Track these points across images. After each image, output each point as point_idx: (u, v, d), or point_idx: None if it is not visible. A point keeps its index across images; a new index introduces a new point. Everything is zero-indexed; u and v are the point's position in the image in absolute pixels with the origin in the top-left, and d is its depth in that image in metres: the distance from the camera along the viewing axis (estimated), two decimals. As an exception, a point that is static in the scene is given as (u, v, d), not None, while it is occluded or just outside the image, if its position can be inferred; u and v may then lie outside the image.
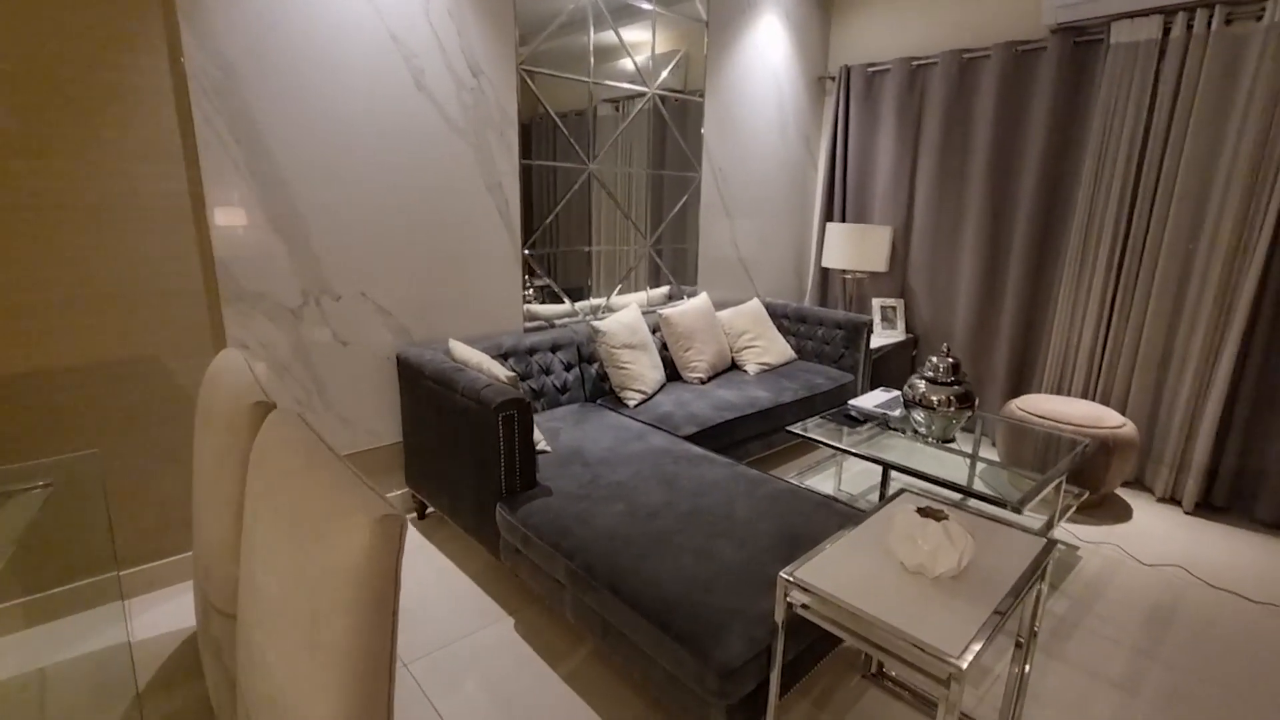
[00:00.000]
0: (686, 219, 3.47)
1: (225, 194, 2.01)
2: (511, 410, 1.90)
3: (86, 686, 1.05)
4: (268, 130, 2.05)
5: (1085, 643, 1.91)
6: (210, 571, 0.97)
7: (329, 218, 2.22)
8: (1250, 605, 2.10)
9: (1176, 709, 1.66)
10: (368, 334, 2.39)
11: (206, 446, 1.02)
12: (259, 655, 0.72)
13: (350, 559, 0.60)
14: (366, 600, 0.61)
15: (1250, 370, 2.59)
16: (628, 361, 2.82)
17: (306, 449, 0.76)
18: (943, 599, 1.19)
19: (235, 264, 2.06)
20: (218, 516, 0.94)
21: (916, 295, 3.75)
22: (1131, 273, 2.86)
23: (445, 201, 2.49)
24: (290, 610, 0.66)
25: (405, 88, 2.31)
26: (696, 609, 1.41)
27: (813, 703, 1.67)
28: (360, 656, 0.61)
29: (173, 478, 2.06)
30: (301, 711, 0.63)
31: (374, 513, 0.61)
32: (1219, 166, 2.59)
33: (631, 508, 1.85)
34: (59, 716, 1.02)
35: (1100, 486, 2.65)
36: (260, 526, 0.75)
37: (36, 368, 1.79)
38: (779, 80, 3.74)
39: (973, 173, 3.36)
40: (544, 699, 1.67)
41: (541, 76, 2.68)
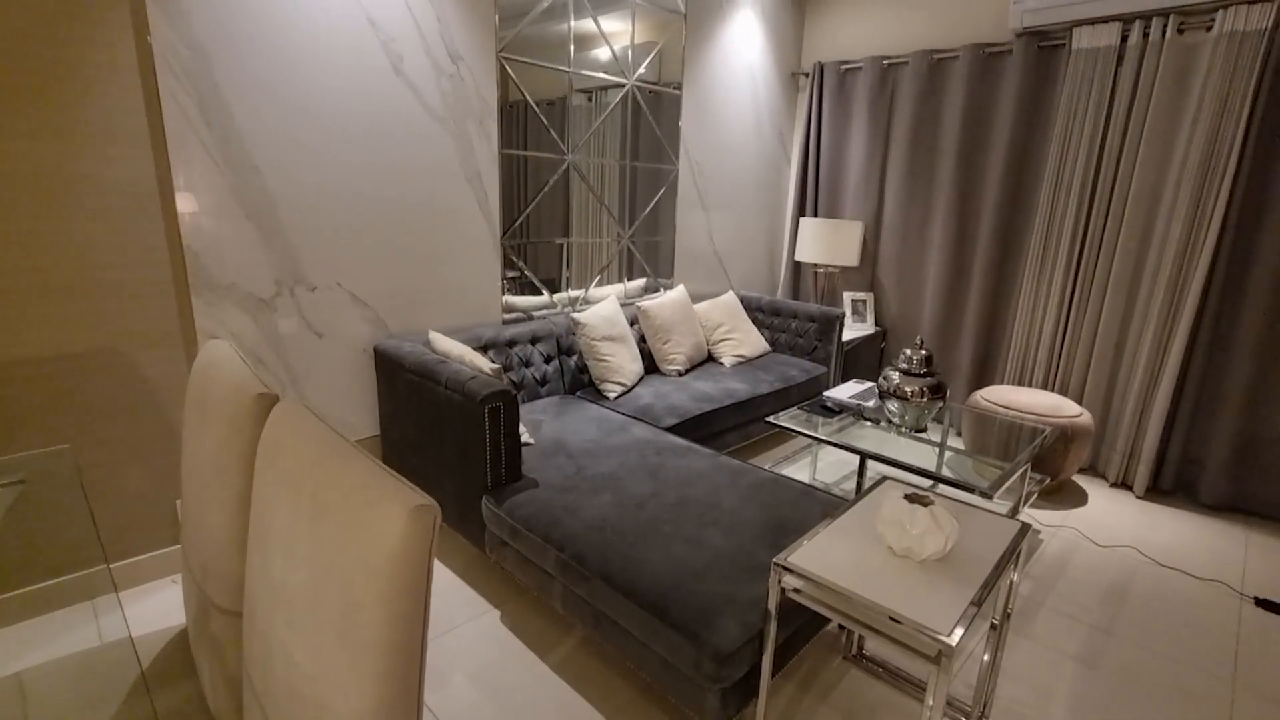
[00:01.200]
0: (663, 211, 3.48)
1: (194, 179, 1.93)
2: (498, 402, 1.89)
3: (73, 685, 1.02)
4: (240, 113, 1.98)
5: (1048, 622, 2.01)
6: (210, 568, 0.94)
7: (304, 205, 2.16)
8: (1195, 582, 2.25)
9: (1132, 680, 1.77)
10: (343, 325, 2.34)
11: (203, 441, 0.99)
12: (279, 650, 0.71)
13: (385, 549, 0.60)
14: (401, 591, 0.61)
15: (1196, 363, 2.75)
16: (608, 354, 2.83)
17: (323, 441, 0.75)
18: (929, 580, 1.24)
19: (205, 252, 1.99)
20: (220, 512, 0.91)
21: (886, 289, 3.86)
22: (1089, 269, 2.99)
23: (424, 190, 2.45)
24: (319, 603, 0.65)
25: (383, 73, 2.25)
26: (690, 596, 1.43)
27: (797, 685, 1.72)
28: (395, 647, 0.61)
29: (144, 473, 1.99)
30: (333, 703, 0.63)
31: (408, 503, 0.61)
32: (1170, 169, 2.73)
33: (619, 498, 1.86)
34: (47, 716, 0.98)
35: (1059, 473, 2.78)
36: (278, 520, 0.74)
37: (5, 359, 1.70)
38: (754, 75, 3.77)
39: (941, 171, 3.46)
40: (533, 689, 1.68)
41: (520, 65, 2.65)
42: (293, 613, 0.70)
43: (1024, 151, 3.16)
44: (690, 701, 1.42)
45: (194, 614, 1.07)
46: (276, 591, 0.73)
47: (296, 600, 0.69)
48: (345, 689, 0.62)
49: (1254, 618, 2.06)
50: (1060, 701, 1.69)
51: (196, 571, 1.00)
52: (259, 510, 0.80)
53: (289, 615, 0.70)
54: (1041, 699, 1.69)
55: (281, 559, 0.72)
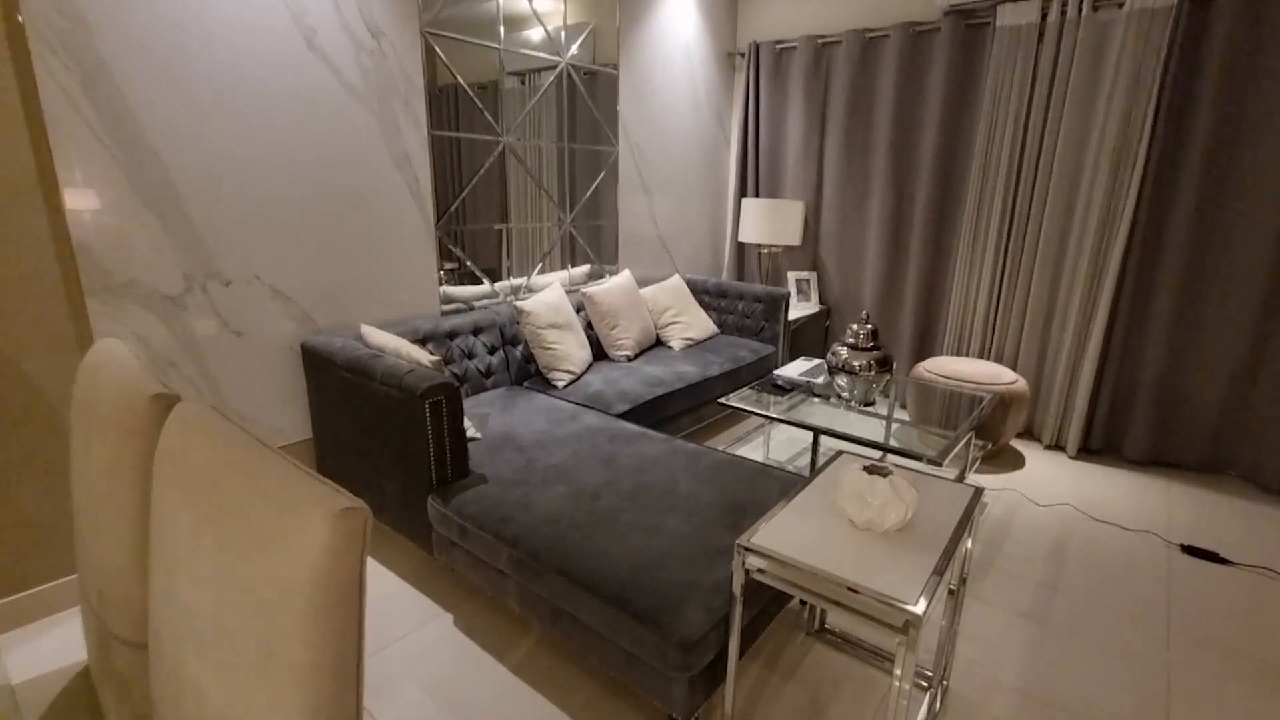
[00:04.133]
0: (605, 195, 3.40)
1: (81, 165, 1.73)
2: (439, 396, 1.78)
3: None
4: (130, 91, 1.78)
5: (998, 582, 2.07)
6: (107, 597, 0.82)
7: (212, 192, 1.98)
8: (1128, 533, 2.37)
9: (1077, 633, 1.84)
10: (265, 322, 2.16)
11: (92, 453, 0.86)
12: (190, 686, 0.62)
13: (307, 563, 0.52)
14: (328, 608, 0.52)
15: (1119, 329, 2.89)
16: (554, 342, 2.74)
17: (230, 443, 0.65)
18: (892, 551, 1.23)
19: (98, 247, 1.79)
20: (113, 533, 0.80)
21: (828, 267, 3.90)
22: (1019, 241, 3.10)
23: (348, 175, 2.29)
24: (232, 630, 0.56)
25: (295, 47, 2.08)
26: (651, 585, 1.38)
27: (763, 664, 1.70)
28: (324, 674, 0.53)
29: (36, 494, 1.78)
30: (253, 744, 0.54)
31: (332, 507, 0.53)
32: (1090, 143, 2.84)
33: (573, 489, 1.80)
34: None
35: (999, 438, 2.89)
36: (181, 538, 0.64)
37: None
38: (690, 56, 3.72)
39: (876, 149, 3.51)
40: (492, 693, 1.60)
41: (447, 41, 2.51)
42: (203, 643, 0.60)
43: (955, 129, 3.24)
44: (657, 692, 1.37)
45: (94, 648, 0.95)
46: (183, 619, 0.63)
47: (206, 628, 0.59)
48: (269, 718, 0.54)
49: (1182, 565, 2.18)
50: (1012, 658, 1.74)
51: (93, 600, 0.88)
52: (159, 527, 0.70)
53: (198, 646, 0.61)
54: (996, 658, 1.74)
55: (186, 582, 0.62)
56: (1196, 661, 1.74)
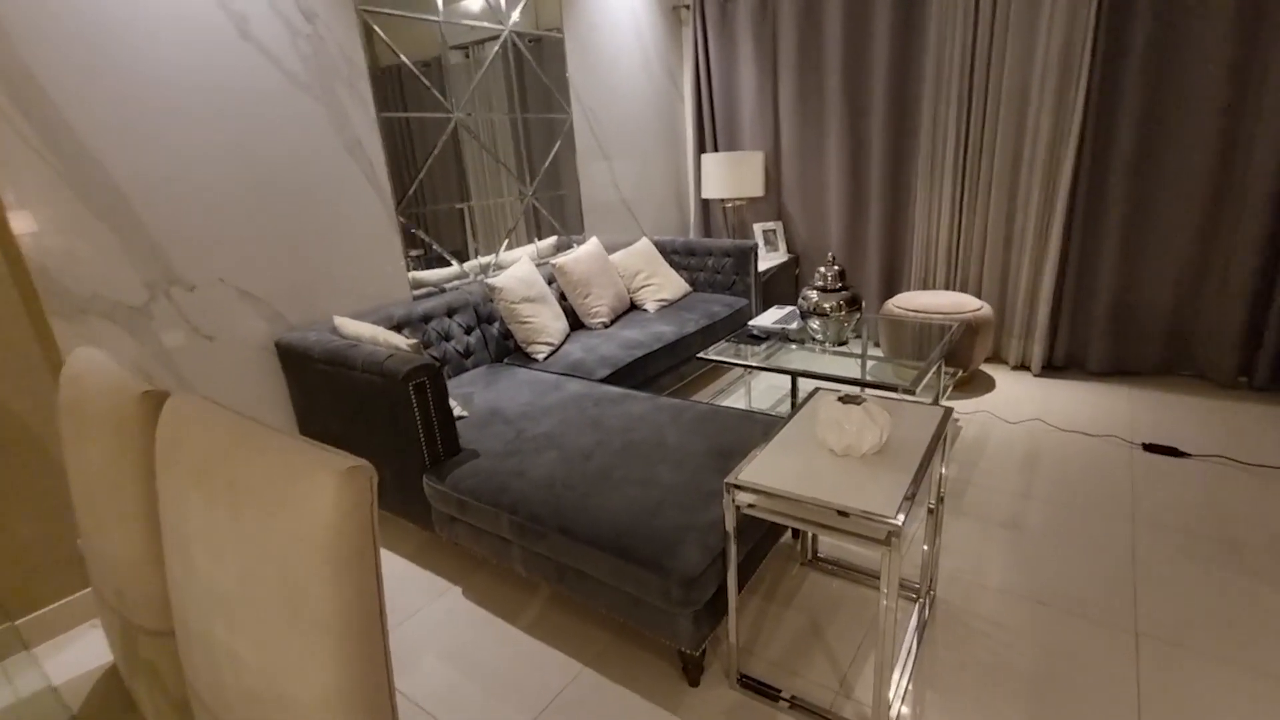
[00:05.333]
0: (564, 165, 3.38)
1: (21, 180, 1.68)
2: (422, 378, 1.80)
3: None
4: (60, 98, 1.72)
5: (976, 498, 2.18)
6: (126, 592, 0.85)
7: (162, 196, 1.93)
8: (1092, 439, 2.49)
9: (1052, 533, 1.96)
10: (235, 324, 2.15)
11: (88, 457, 0.88)
12: (225, 656, 0.65)
13: (321, 521, 0.55)
14: (346, 561, 0.56)
15: (1073, 247, 2.99)
16: (529, 315, 2.75)
17: (229, 425, 0.68)
18: (872, 473, 1.30)
19: (54, 265, 1.75)
20: (123, 529, 0.82)
21: (793, 216, 3.94)
22: (974, 169, 3.16)
23: (302, 166, 2.25)
24: (258, 595, 0.60)
25: (227, 38, 2.02)
26: (649, 531, 1.44)
27: (762, 596, 1.79)
28: (350, 621, 0.57)
29: (33, 516, 1.78)
30: (295, 695, 0.58)
31: (338, 467, 0.56)
32: (1035, 65, 2.89)
33: (564, 454, 1.84)
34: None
35: (969, 364, 2.99)
36: (194, 519, 0.67)
37: None
38: (636, 13, 3.66)
39: (829, 91, 3.52)
40: (509, 654, 1.67)
41: (384, 18, 2.45)
42: (231, 613, 0.64)
43: (905, 62, 3.26)
44: (664, 630, 1.45)
45: (120, 646, 0.98)
46: (208, 595, 0.66)
47: (232, 599, 0.63)
48: (305, 677, 0.58)
49: (1144, 461, 2.31)
50: (994, 563, 1.85)
51: (112, 599, 0.91)
52: (169, 515, 0.72)
53: (227, 617, 0.64)
54: (978, 564, 1.85)
55: (206, 560, 0.65)
56: (1158, 544, 1.87)
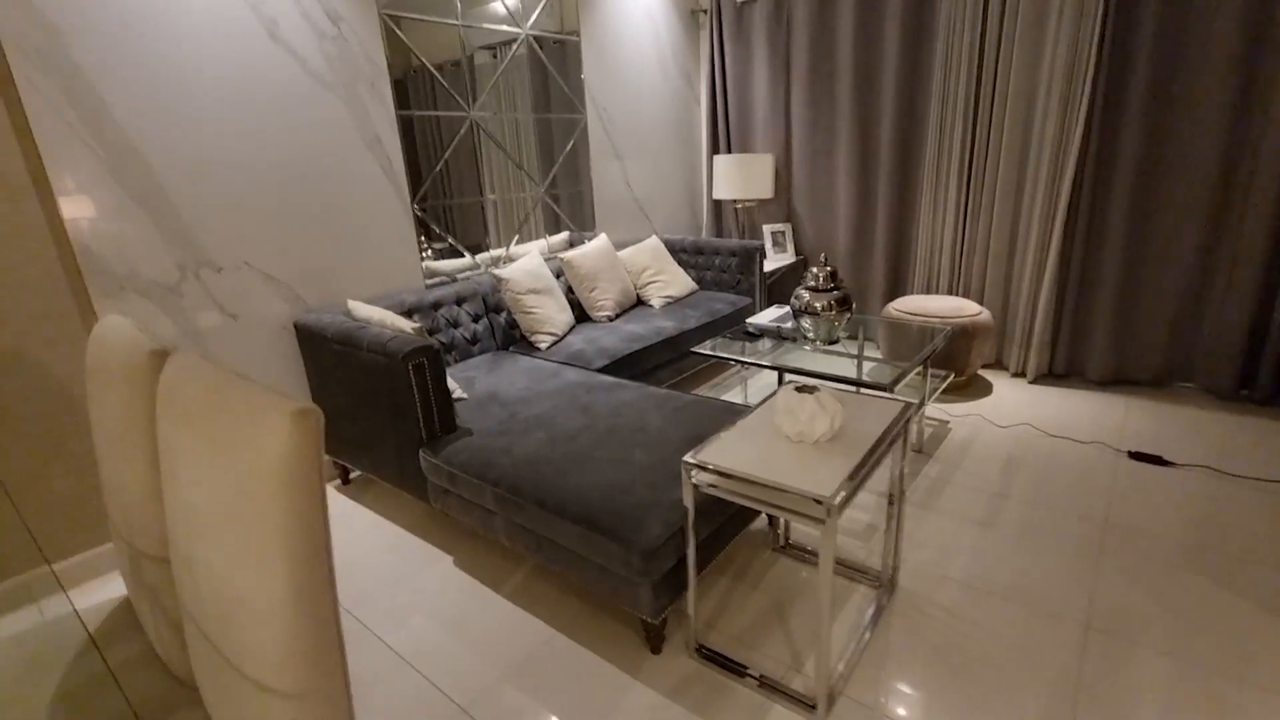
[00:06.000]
0: (578, 163, 3.50)
1: (70, 167, 1.87)
2: (420, 358, 1.93)
3: (18, 651, 1.06)
4: (107, 94, 1.90)
5: (953, 496, 2.23)
6: (134, 523, 0.99)
7: (195, 184, 2.11)
8: (1080, 445, 2.51)
9: (1022, 532, 2.01)
10: (258, 304, 2.32)
11: (107, 406, 1.02)
12: (202, 568, 0.78)
13: (275, 451, 0.67)
14: (295, 485, 0.68)
15: (1075, 254, 2.99)
16: (534, 306, 2.88)
17: (212, 377, 0.81)
18: (821, 458, 1.38)
19: (95, 243, 1.94)
20: (132, 468, 0.96)
21: (802, 218, 4.00)
22: (979, 176, 3.18)
23: (324, 160, 2.41)
24: (225, 512, 0.72)
25: (258, 40, 2.18)
26: (617, 506, 1.55)
27: (731, 577, 1.88)
28: (297, 537, 0.69)
29: (66, 472, 1.97)
30: (253, 599, 0.71)
31: (289, 408, 0.68)
32: (1041, 72, 2.90)
33: (551, 435, 1.96)
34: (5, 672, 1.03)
35: (965, 368, 3.02)
36: (182, 454, 0.80)
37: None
38: (653, 16, 3.77)
39: (839, 95, 3.57)
40: (492, 618, 1.79)
41: (408, 22, 2.60)
42: (205, 529, 0.76)
43: (914, 69, 3.29)
44: (626, 599, 1.55)
45: (129, 572, 1.12)
46: (189, 515, 0.79)
47: (205, 516, 0.76)
48: (261, 583, 0.70)
49: (1127, 469, 2.33)
50: (961, 557, 1.91)
51: (122, 528, 1.05)
52: (165, 452, 0.86)
53: (202, 533, 0.77)
54: (944, 558, 1.91)
55: (188, 485, 0.78)
56: (1125, 547, 1.90)
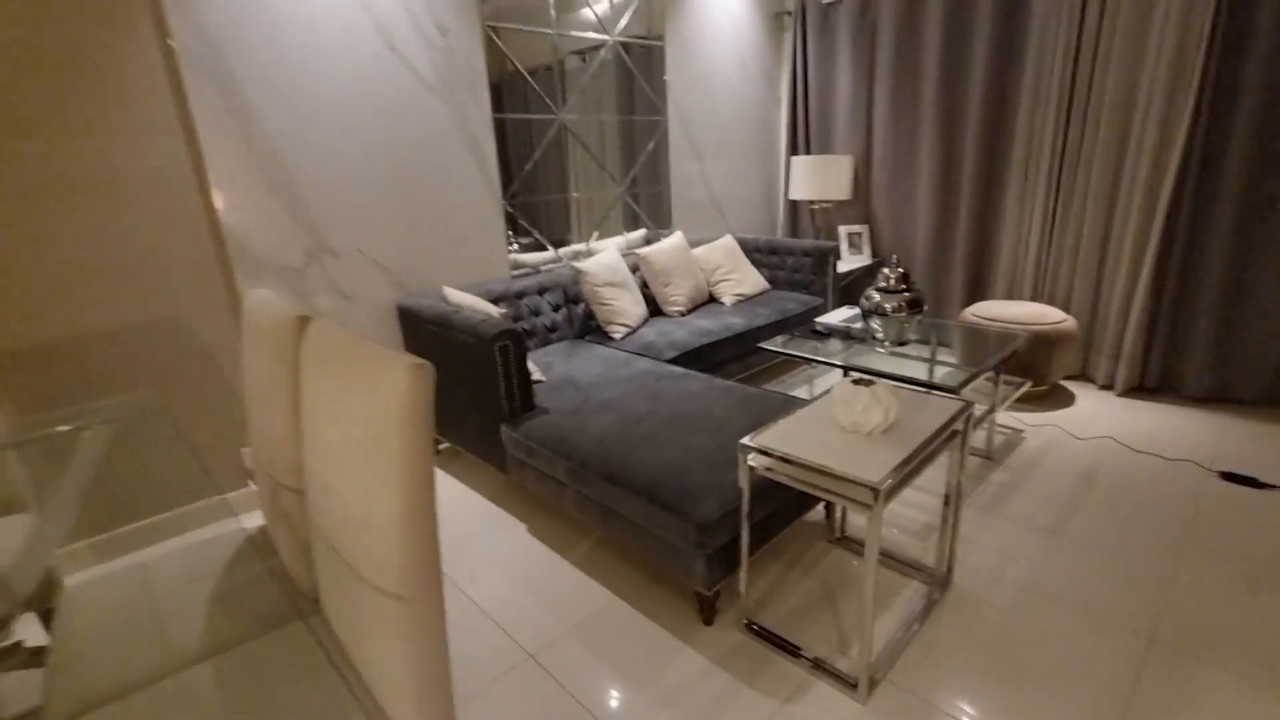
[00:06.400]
0: (658, 163, 3.63)
1: (224, 164, 2.18)
2: (506, 340, 2.13)
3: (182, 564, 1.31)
4: (256, 101, 2.21)
5: (1020, 503, 2.20)
6: (276, 459, 1.21)
7: (321, 180, 2.40)
8: (1166, 462, 2.40)
9: (1089, 543, 1.96)
10: (368, 288, 2.59)
11: (258, 360, 1.25)
12: (333, 490, 0.97)
13: (396, 393, 0.84)
14: (411, 424, 0.84)
15: (1174, 263, 2.83)
16: (610, 298, 3.04)
17: (345, 337, 0.99)
18: (873, 448, 1.45)
19: (240, 229, 2.25)
20: (278, 411, 1.17)
21: (880, 220, 3.96)
22: (1070, 180, 3.07)
23: (427, 159, 2.66)
24: (354, 444, 0.90)
25: (378, 51, 2.45)
26: (678, 484, 1.67)
27: (785, 563, 1.96)
28: (410, 466, 0.85)
29: (208, 426, 2.29)
30: (374, 513, 0.88)
31: (409, 362, 0.84)
32: (1144, 71, 2.77)
33: (621, 417, 2.10)
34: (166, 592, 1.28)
35: (1045, 377, 2.93)
36: (322, 400, 0.98)
37: (74, 333, 1.99)
38: (735, 20, 3.84)
39: (924, 98, 3.53)
40: (559, 581, 1.95)
41: (506, 31, 2.82)
42: (338, 460, 0.94)
43: (1003, 69, 3.21)
44: (683, 570, 1.67)
45: (267, 502, 1.35)
46: (323, 446, 0.98)
47: (338, 448, 0.94)
48: (381, 503, 0.87)
49: (1217, 489, 2.22)
50: (1021, 562, 1.90)
51: (266, 464, 1.27)
52: (306, 398, 1.05)
53: (334, 460, 0.95)
54: (1003, 561, 1.90)
55: (325, 422, 0.97)
56: (1204, 566, 1.83)
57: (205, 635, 1.14)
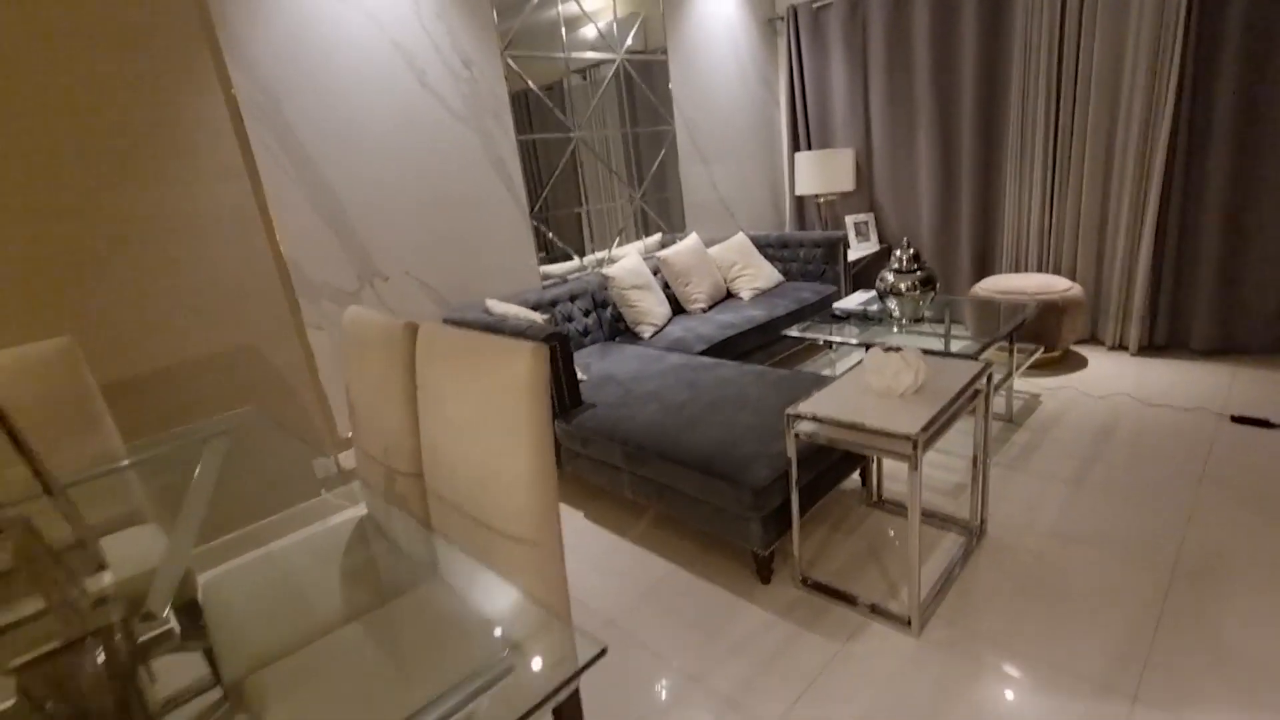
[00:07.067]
0: (667, 170, 3.82)
1: (284, 201, 2.38)
2: (554, 341, 2.30)
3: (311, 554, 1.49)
4: (308, 142, 2.41)
5: (1043, 459, 2.35)
6: (391, 449, 1.38)
7: (369, 210, 2.59)
8: (1179, 412, 2.55)
9: (1111, 489, 2.11)
10: (415, 305, 2.78)
11: (368, 366, 1.43)
12: (461, 461, 1.14)
13: (522, 369, 1.01)
14: (535, 396, 1.02)
15: (1172, 224, 2.99)
16: (637, 300, 3.22)
17: (459, 333, 1.17)
18: (907, 407, 1.61)
19: (301, 259, 2.44)
20: (394, 407, 1.35)
21: (884, 208, 4.13)
22: (1065, 154, 3.23)
23: (459, 182, 2.86)
24: (485, 417, 1.07)
25: (412, 87, 2.65)
26: (729, 456, 1.84)
27: (829, 526, 2.12)
28: (535, 431, 1.03)
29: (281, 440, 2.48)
30: (503, 472, 1.05)
31: (530, 345, 1.02)
32: (1126, 46, 2.94)
33: (664, 405, 2.27)
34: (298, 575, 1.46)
35: (1057, 342, 3.08)
36: (446, 386, 1.16)
37: (169, 363, 2.19)
38: (733, 29, 4.04)
39: (918, 87, 3.70)
40: (621, 558, 2.12)
41: (523, 59, 3.02)
42: (462, 433, 1.12)
43: (992, 50, 3.39)
44: (739, 535, 1.83)
45: (380, 487, 1.52)
46: (449, 427, 1.15)
47: (464, 424, 1.11)
48: (511, 460, 1.05)
49: (1229, 431, 2.36)
50: (1048, 511, 2.05)
51: (380, 455, 1.45)
52: (425, 388, 1.23)
53: (459, 435, 1.13)
54: (1032, 512, 2.06)
55: (453, 405, 1.15)
56: (1219, 503, 1.97)
57: (344, 604, 1.31)
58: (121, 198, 2.05)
